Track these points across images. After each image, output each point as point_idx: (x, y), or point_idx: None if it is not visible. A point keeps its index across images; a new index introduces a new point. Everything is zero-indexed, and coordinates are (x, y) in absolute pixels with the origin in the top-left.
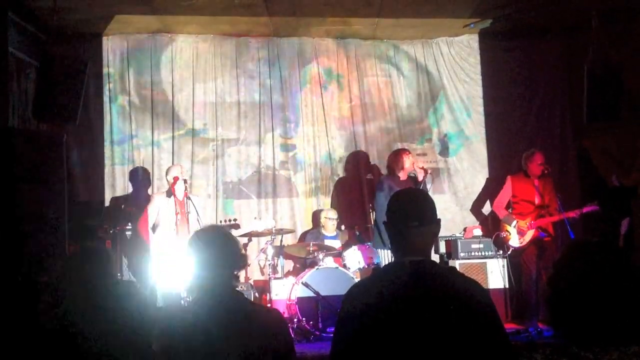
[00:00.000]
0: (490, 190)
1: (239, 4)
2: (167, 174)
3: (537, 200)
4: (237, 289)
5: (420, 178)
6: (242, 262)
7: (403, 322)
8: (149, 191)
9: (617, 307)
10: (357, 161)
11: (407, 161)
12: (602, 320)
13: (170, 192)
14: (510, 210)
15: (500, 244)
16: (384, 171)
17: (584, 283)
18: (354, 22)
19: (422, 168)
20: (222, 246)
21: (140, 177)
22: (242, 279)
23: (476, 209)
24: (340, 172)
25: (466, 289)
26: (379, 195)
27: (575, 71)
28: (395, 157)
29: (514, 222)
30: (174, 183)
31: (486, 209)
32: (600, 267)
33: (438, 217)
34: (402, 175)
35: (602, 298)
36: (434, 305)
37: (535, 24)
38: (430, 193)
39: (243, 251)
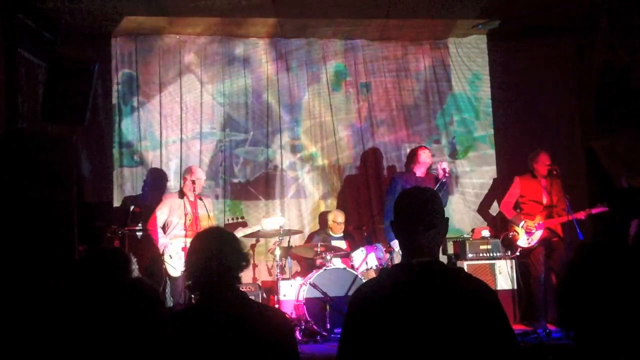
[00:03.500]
0: (497, 191)
1: (247, 5)
2: (188, 173)
3: (545, 201)
4: (242, 289)
5: (440, 175)
6: (244, 262)
7: (410, 323)
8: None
9: (628, 308)
10: (364, 162)
11: (422, 155)
12: (613, 321)
13: (182, 193)
14: (518, 210)
15: (508, 244)
16: (391, 170)
17: (594, 284)
18: (362, 22)
19: (444, 169)
20: (224, 246)
21: (152, 179)
22: (250, 280)
23: (484, 209)
24: (348, 173)
25: (474, 290)
26: (388, 194)
27: (584, 71)
28: (411, 153)
29: (522, 223)
30: (194, 184)
31: (494, 209)
32: (610, 268)
33: (446, 217)
34: (419, 172)
35: (612, 299)
36: (441, 306)
37: (543, 24)
38: (445, 194)
39: (245, 251)
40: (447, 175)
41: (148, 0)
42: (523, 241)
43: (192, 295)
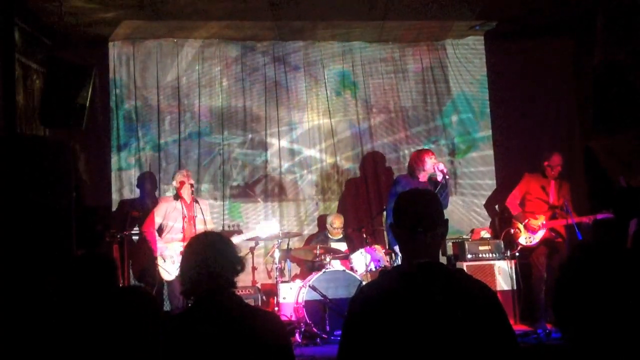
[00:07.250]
0: (500, 192)
1: (244, 8)
2: (173, 179)
3: (551, 200)
4: (240, 292)
5: (439, 178)
6: (239, 266)
7: (410, 324)
8: (156, 195)
9: (626, 309)
10: (363, 164)
11: (429, 162)
12: (610, 322)
13: (177, 196)
14: (523, 207)
15: (510, 240)
16: (390, 172)
17: (591, 285)
18: (359, 25)
19: (442, 170)
20: (217, 251)
21: (147, 182)
22: (249, 283)
23: (490, 208)
24: (347, 175)
25: (474, 290)
26: (390, 197)
27: (582, 72)
28: (417, 158)
29: (526, 221)
30: (180, 187)
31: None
32: (608, 268)
33: (445, 218)
34: (422, 177)
35: (610, 300)
36: (441, 307)
37: (540, 25)
38: (447, 196)
39: (240, 255)
40: (446, 176)
41: (145, 5)
42: (524, 239)
43: (187, 301)
